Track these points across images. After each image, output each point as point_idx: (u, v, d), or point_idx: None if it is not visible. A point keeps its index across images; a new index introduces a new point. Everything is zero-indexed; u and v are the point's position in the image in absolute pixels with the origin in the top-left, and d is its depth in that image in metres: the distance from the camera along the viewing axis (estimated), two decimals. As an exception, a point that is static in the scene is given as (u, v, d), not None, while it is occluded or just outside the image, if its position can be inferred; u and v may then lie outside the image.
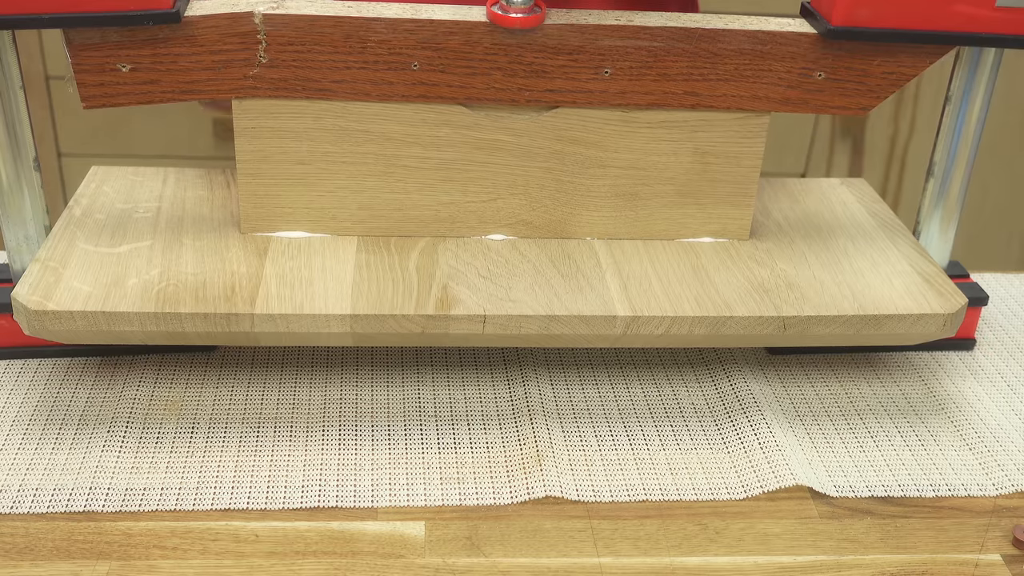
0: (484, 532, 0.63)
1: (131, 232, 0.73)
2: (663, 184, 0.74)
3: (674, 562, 0.62)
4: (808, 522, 0.65)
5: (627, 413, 0.73)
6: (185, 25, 0.66)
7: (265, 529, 0.63)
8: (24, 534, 0.62)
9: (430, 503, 0.65)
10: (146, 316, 0.65)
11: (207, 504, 0.64)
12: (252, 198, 0.72)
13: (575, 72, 0.69)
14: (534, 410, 0.73)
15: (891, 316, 0.69)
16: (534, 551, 0.62)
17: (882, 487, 0.68)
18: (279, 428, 0.70)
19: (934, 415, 0.74)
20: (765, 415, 0.73)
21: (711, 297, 0.70)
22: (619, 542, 0.63)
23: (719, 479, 0.68)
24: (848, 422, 0.73)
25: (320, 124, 0.70)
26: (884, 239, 0.78)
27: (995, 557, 0.63)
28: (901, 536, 0.65)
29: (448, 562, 0.61)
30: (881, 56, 0.70)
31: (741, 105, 0.71)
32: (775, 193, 0.83)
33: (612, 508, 0.66)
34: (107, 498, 0.64)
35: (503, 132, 0.71)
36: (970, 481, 0.69)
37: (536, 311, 0.67)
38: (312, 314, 0.66)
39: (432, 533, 0.63)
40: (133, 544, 0.61)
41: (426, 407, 0.73)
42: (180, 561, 0.60)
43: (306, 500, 0.65)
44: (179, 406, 0.72)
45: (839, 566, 0.62)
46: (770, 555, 0.63)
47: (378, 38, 0.67)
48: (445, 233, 0.74)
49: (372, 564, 0.61)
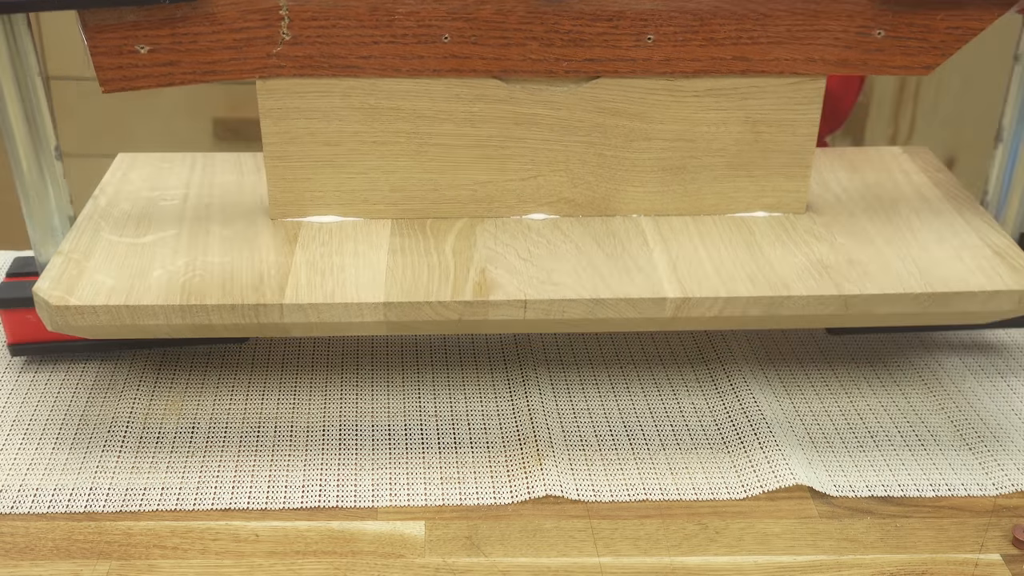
0: (484, 532, 0.63)
1: (157, 221, 0.71)
2: (712, 156, 0.71)
3: (674, 562, 0.62)
4: (808, 522, 0.65)
5: (627, 413, 0.73)
6: (204, 3, 0.64)
7: (265, 529, 0.63)
8: (24, 534, 0.62)
9: (430, 503, 0.65)
10: (171, 309, 0.63)
11: (207, 504, 0.64)
12: (280, 182, 0.70)
13: (616, 39, 0.66)
14: (534, 410, 0.73)
15: (962, 294, 0.65)
16: (534, 551, 0.62)
17: (882, 487, 0.68)
18: (279, 428, 0.70)
19: (934, 415, 0.74)
20: (765, 415, 0.73)
21: (766, 275, 0.66)
22: (619, 542, 0.63)
23: (719, 479, 0.68)
24: (848, 422, 0.73)
25: (348, 103, 0.68)
26: (951, 211, 0.73)
27: (995, 557, 0.63)
28: (901, 536, 0.65)
29: (448, 562, 0.61)
30: (945, 9, 0.66)
31: (795, 69, 0.68)
32: (832, 163, 0.79)
33: (612, 508, 0.66)
34: (107, 498, 0.64)
35: (541, 105, 0.68)
36: (970, 481, 0.69)
37: (580, 295, 0.64)
38: (344, 303, 0.63)
39: (432, 533, 0.63)
40: (133, 544, 0.61)
41: (426, 407, 0.73)
42: (180, 561, 0.60)
43: (306, 500, 0.65)
44: (179, 406, 0.72)
45: (839, 566, 0.62)
46: (770, 555, 0.63)
47: (406, 10, 0.65)
48: (483, 214, 0.72)
49: (372, 564, 0.61)
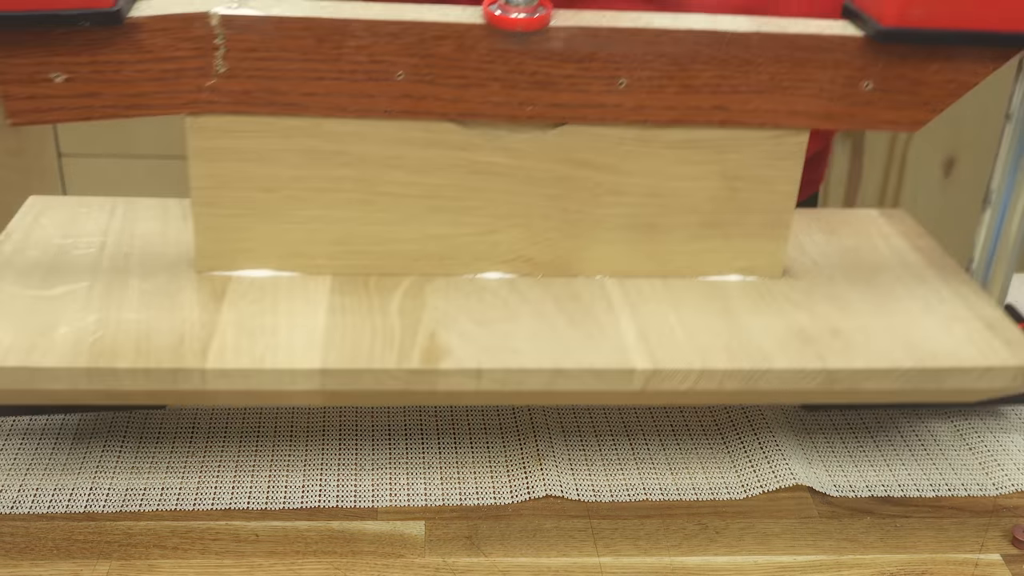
0: (484, 532, 0.63)
1: (68, 272, 0.64)
2: (686, 213, 0.65)
3: (674, 562, 0.62)
4: (808, 522, 0.65)
5: (627, 412, 0.73)
6: (129, 27, 0.56)
7: (265, 529, 0.63)
8: (24, 534, 0.62)
9: (430, 503, 0.65)
10: (76, 372, 0.55)
11: (207, 504, 0.64)
12: (208, 232, 0.63)
13: (585, 83, 0.60)
14: (534, 409, 0.73)
15: (955, 369, 0.60)
16: (534, 551, 0.62)
17: (882, 487, 0.68)
18: (279, 428, 0.70)
19: (934, 415, 0.74)
20: (765, 414, 0.73)
21: (744, 346, 0.60)
22: (619, 542, 0.63)
23: (719, 479, 0.68)
24: (848, 422, 0.73)
25: (288, 144, 0.61)
26: (936, 278, 0.68)
27: (995, 557, 0.63)
28: (901, 536, 0.65)
29: (448, 562, 0.61)
30: (939, 61, 0.61)
31: (777, 121, 0.62)
32: (807, 225, 0.74)
33: (612, 508, 0.66)
34: (107, 498, 0.64)
35: (501, 153, 0.62)
36: (970, 481, 0.69)
37: (540, 364, 0.58)
38: (275, 369, 0.56)
39: (432, 533, 0.63)
40: (133, 544, 0.61)
41: (426, 407, 0.73)
42: (180, 561, 0.60)
43: (306, 500, 0.65)
44: (180, 405, 0.72)
45: (839, 566, 0.62)
46: (770, 555, 0.63)
47: (356, 43, 0.58)
48: (434, 271, 0.65)
49: (372, 564, 0.61)
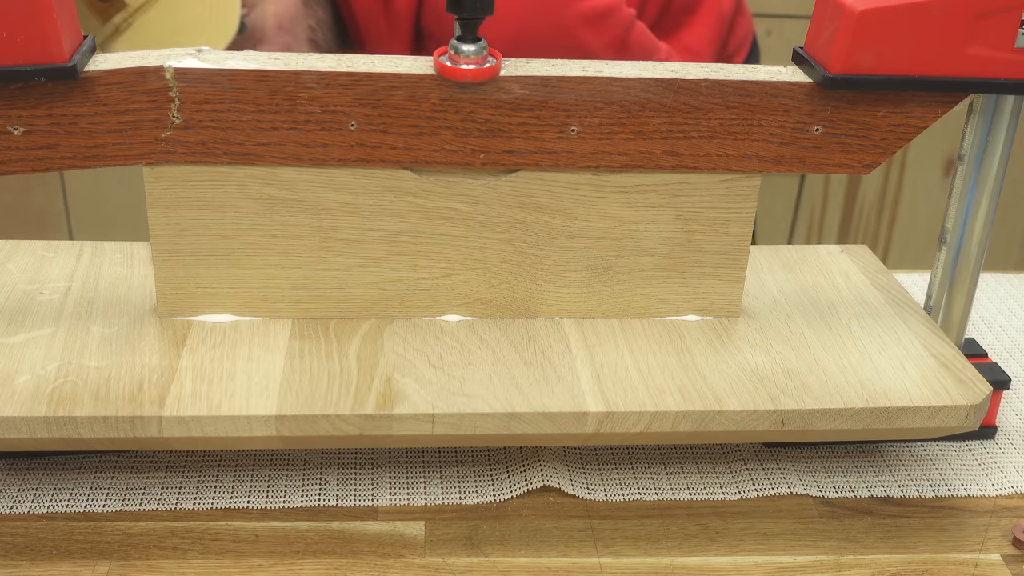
0: (484, 532, 0.63)
1: (31, 318, 0.65)
2: (641, 255, 0.66)
3: (674, 562, 0.62)
4: (808, 522, 0.65)
5: (627, 413, 0.73)
6: (84, 82, 0.58)
7: (265, 529, 0.63)
8: (24, 534, 0.62)
9: (430, 503, 0.65)
10: (35, 421, 0.57)
11: (207, 504, 0.64)
12: (170, 278, 0.64)
13: (537, 130, 0.62)
14: (534, 410, 0.73)
15: (906, 409, 0.61)
16: (534, 551, 0.62)
17: (882, 487, 0.68)
18: (279, 428, 0.70)
19: (934, 415, 0.74)
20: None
21: (697, 387, 0.62)
22: (619, 542, 0.63)
23: (715, 480, 0.68)
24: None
25: (245, 193, 0.63)
26: (893, 316, 0.70)
27: (995, 557, 0.63)
28: (901, 536, 0.65)
29: (448, 562, 0.61)
30: (887, 106, 0.62)
31: (728, 166, 0.64)
32: (768, 262, 0.75)
33: (612, 508, 0.66)
34: (107, 498, 0.64)
35: (456, 199, 0.64)
36: (970, 481, 0.69)
37: (494, 408, 0.59)
38: (231, 416, 0.58)
39: (432, 533, 0.63)
40: (133, 544, 0.61)
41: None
42: (180, 561, 0.60)
43: (306, 500, 0.65)
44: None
45: (839, 566, 0.62)
46: (770, 555, 0.63)
47: (309, 94, 0.60)
48: (392, 315, 0.66)
49: (372, 564, 0.61)
